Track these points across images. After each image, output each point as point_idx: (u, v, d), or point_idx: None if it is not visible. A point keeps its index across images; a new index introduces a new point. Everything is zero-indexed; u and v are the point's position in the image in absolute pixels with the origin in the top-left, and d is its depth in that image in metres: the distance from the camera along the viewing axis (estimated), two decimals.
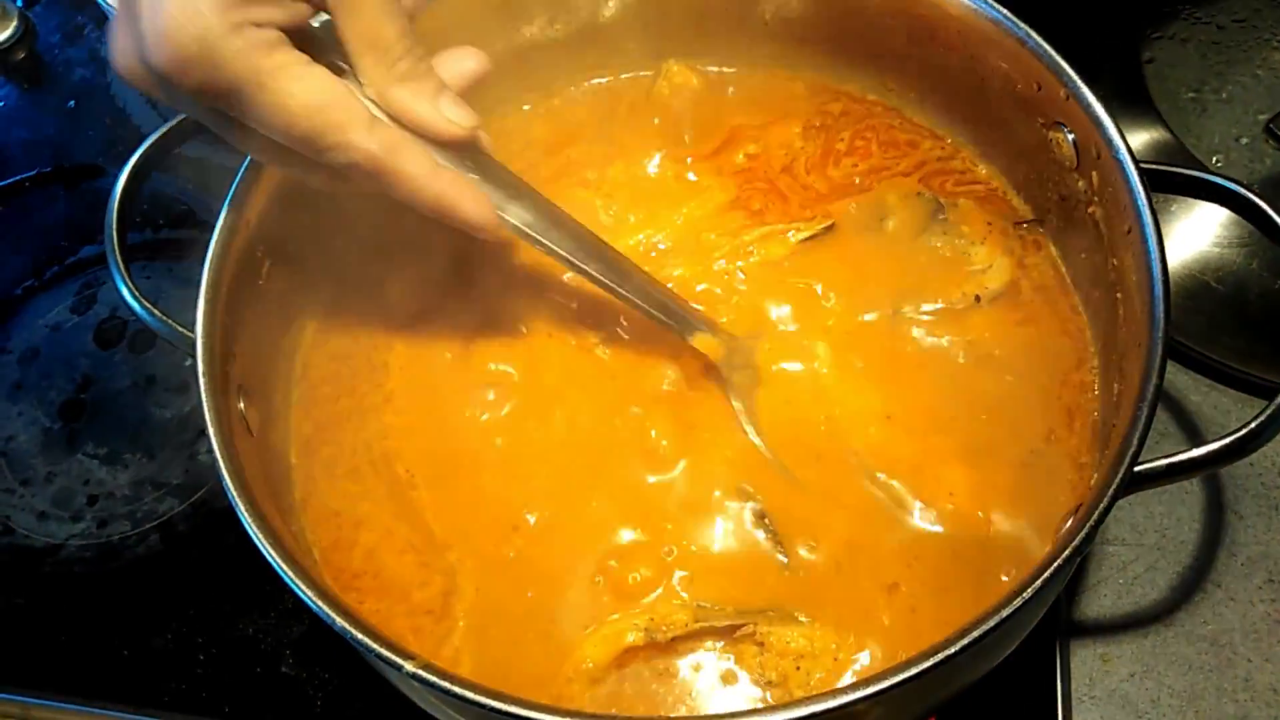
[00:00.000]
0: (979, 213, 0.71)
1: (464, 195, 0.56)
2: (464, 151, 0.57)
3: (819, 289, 0.70)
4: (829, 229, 0.72)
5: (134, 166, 0.65)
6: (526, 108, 0.81)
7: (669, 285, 0.68)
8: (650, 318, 0.64)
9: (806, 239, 0.71)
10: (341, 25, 0.52)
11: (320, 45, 0.53)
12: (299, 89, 0.50)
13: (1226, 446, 0.53)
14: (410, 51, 0.53)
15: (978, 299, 0.68)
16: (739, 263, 0.71)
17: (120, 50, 0.50)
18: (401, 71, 0.53)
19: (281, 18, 0.50)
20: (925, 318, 0.68)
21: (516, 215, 0.59)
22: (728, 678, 0.58)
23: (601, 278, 0.62)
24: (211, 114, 0.52)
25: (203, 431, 0.57)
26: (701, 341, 0.65)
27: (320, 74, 0.51)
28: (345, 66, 0.53)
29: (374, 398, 0.69)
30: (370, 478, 0.66)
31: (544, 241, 0.60)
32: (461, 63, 0.58)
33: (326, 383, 0.70)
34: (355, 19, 0.51)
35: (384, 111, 0.54)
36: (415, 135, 0.55)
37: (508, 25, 0.76)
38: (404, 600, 0.62)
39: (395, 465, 0.66)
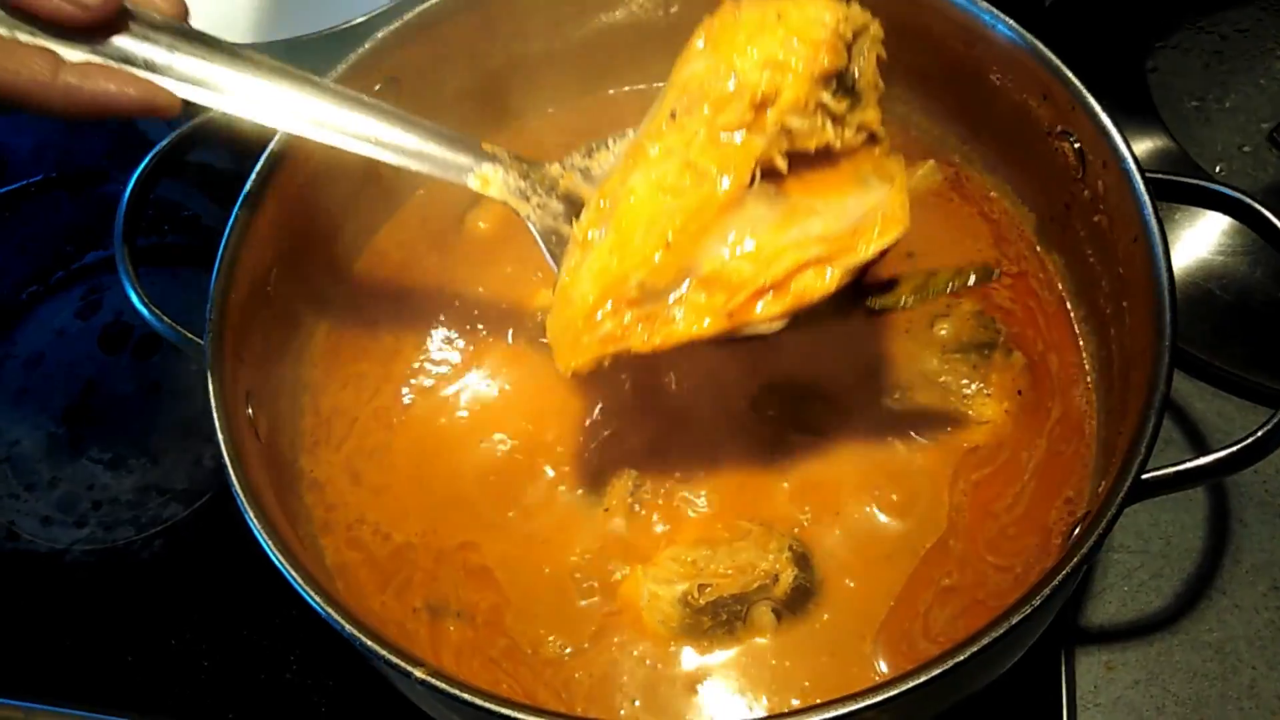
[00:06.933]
0: (1017, 376, 0.67)
1: (112, 83, 0.50)
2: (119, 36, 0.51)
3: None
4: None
5: (143, 173, 0.66)
6: (550, 110, 0.81)
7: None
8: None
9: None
10: None
11: None
12: None
13: (1234, 455, 0.53)
14: None
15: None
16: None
17: None
18: None
19: None
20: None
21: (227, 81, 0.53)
22: None
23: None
24: None
25: (208, 437, 0.57)
26: (482, 180, 0.59)
27: None
28: None
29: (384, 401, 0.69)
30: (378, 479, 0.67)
31: (261, 114, 0.55)
32: None
33: (336, 387, 0.70)
34: None
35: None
36: (42, 32, 0.49)
37: (541, 28, 0.76)
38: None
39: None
